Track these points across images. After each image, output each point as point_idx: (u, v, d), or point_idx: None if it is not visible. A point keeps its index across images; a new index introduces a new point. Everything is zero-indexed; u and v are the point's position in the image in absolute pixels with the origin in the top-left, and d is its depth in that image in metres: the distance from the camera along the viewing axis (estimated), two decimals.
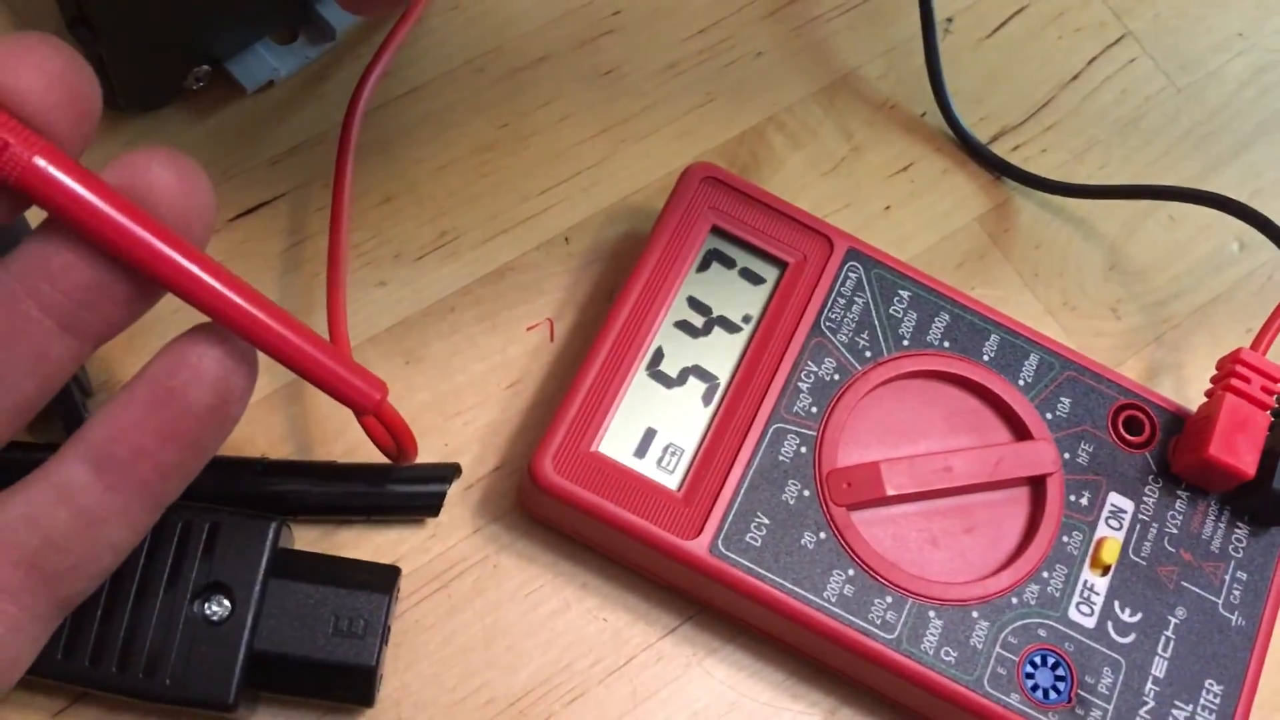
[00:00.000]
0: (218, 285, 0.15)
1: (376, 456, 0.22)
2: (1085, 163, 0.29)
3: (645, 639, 0.23)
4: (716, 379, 0.23)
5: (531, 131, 0.27)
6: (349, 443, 0.23)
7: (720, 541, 0.21)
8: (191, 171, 0.15)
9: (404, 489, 0.22)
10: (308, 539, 0.23)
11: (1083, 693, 0.22)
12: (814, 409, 0.23)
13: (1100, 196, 0.28)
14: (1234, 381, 0.23)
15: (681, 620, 0.23)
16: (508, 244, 0.26)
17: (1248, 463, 0.22)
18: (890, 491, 0.22)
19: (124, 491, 0.16)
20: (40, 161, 0.14)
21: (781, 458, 0.22)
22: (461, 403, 0.24)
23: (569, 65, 0.27)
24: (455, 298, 0.25)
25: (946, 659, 0.21)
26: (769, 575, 0.21)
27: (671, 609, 0.23)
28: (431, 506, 0.22)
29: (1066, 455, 0.23)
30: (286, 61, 0.25)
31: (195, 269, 0.15)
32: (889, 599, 0.22)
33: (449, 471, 0.23)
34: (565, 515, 0.22)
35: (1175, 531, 0.23)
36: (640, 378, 0.23)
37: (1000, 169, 0.28)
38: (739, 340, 0.23)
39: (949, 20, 0.29)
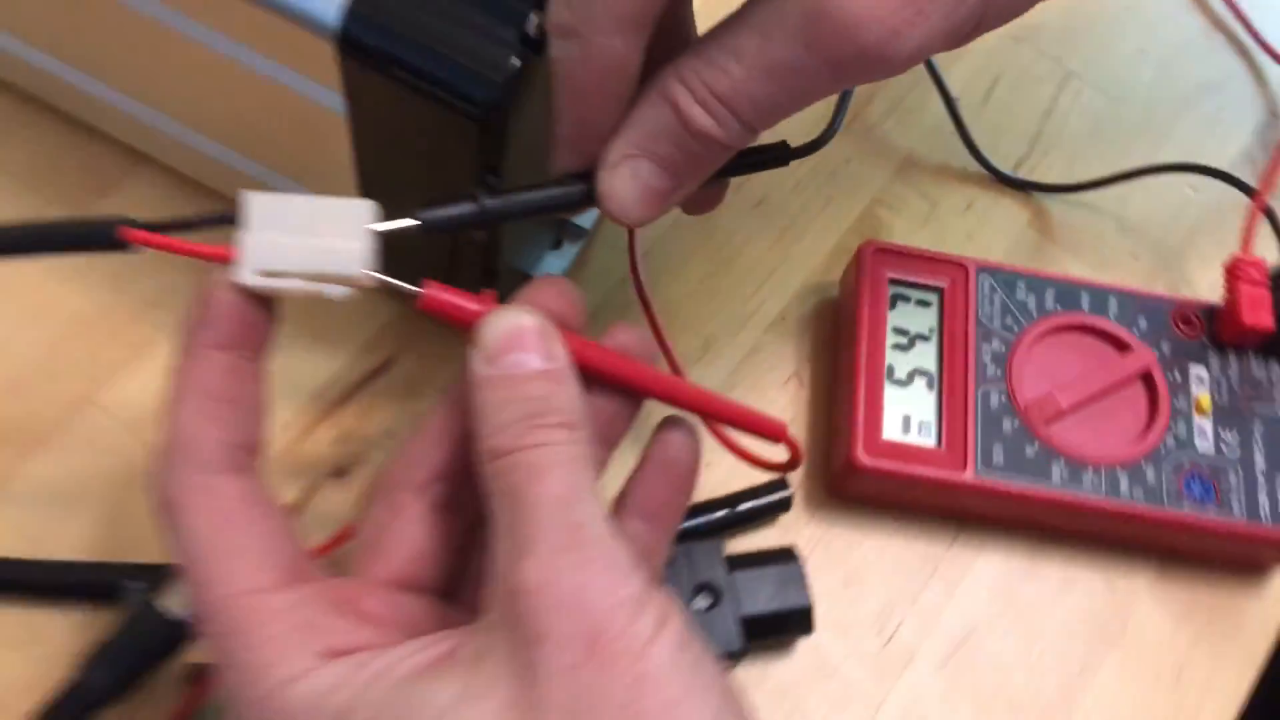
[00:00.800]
0: (674, 389, 0.27)
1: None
2: (1076, 168, 0.42)
3: (939, 549, 0.35)
4: (930, 372, 0.35)
5: (730, 256, 0.39)
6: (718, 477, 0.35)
7: (979, 468, 0.33)
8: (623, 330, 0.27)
9: (767, 499, 0.34)
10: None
11: (1223, 490, 0.34)
12: (998, 371, 0.35)
13: (1096, 187, 0.41)
14: (1240, 274, 0.36)
15: (955, 535, 0.35)
16: (748, 333, 0.37)
17: (1268, 322, 0.35)
18: (1064, 406, 0.34)
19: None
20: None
21: (992, 407, 0.34)
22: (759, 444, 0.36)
23: (735, 206, 0.39)
24: (728, 378, 0.37)
25: (1138, 497, 0.33)
26: (1014, 478, 0.33)
27: (945, 529, 0.35)
28: (786, 504, 0.34)
29: (1156, 353, 0.35)
30: (564, 258, 0.37)
31: (665, 384, 0.26)
32: (1089, 471, 0.33)
33: (785, 483, 0.34)
34: (877, 486, 0.34)
35: (1237, 377, 0.35)
36: (888, 386, 0.34)
37: (1028, 187, 0.41)
38: (933, 345, 0.35)
39: (956, 98, 0.42)
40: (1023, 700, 0.33)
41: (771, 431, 0.28)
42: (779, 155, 0.29)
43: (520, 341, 0.24)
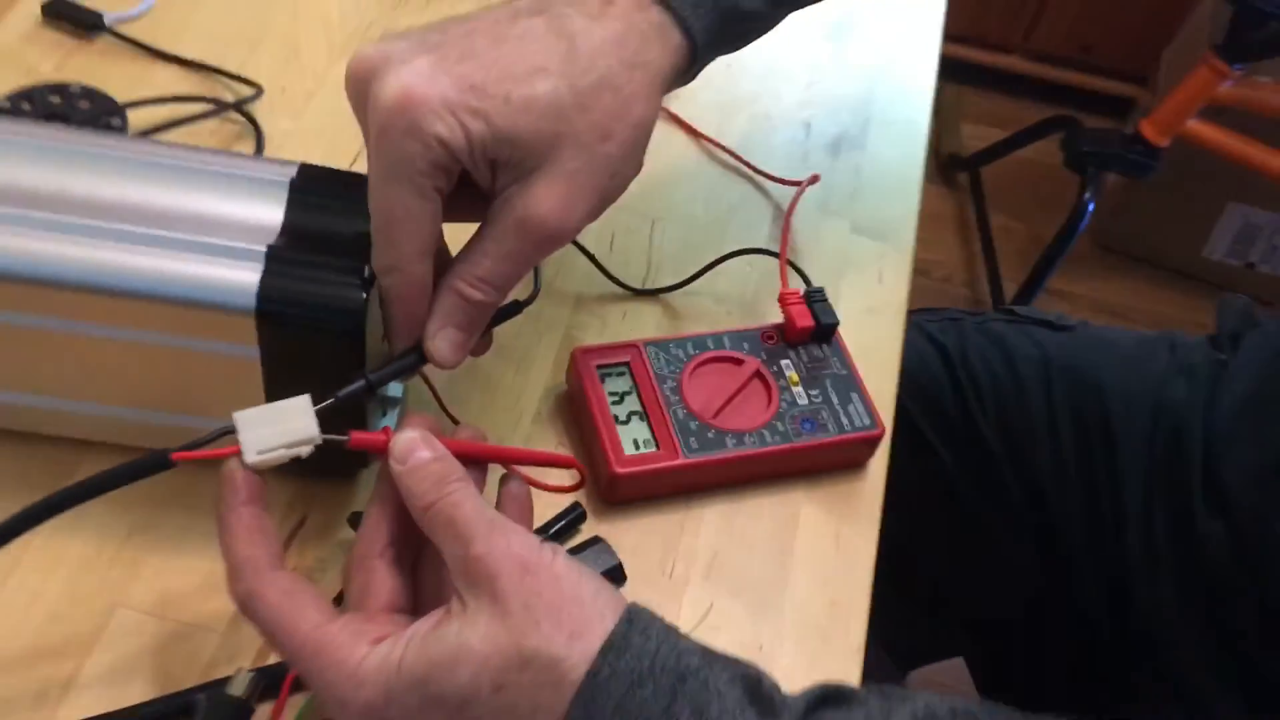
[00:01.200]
0: (502, 454, 0.47)
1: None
2: (677, 273, 0.65)
3: (680, 513, 0.56)
4: (639, 410, 0.56)
5: (494, 387, 0.58)
6: None
7: (684, 453, 0.55)
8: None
9: (570, 517, 0.53)
10: None
11: (821, 423, 0.57)
12: (676, 396, 0.57)
13: (692, 280, 0.64)
14: (786, 300, 0.60)
15: (686, 501, 0.56)
16: (522, 428, 0.57)
17: (810, 322, 0.59)
18: (719, 404, 0.57)
19: None
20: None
21: (680, 417, 0.56)
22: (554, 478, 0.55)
23: (488, 357, 0.60)
24: None
25: (779, 441, 0.56)
26: (705, 453, 0.55)
27: (679, 500, 0.56)
28: (582, 517, 0.54)
29: (759, 359, 0.59)
30: (397, 409, 0.55)
31: (496, 452, 0.46)
32: (747, 435, 0.56)
33: (578, 504, 0.54)
34: (630, 485, 0.54)
35: (807, 359, 0.59)
36: (618, 426, 0.55)
37: (655, 292, 0.64)
38: (635, 395, 0.57)
39: (592, 253, 0.65)
40: (754, 583, 0.54)
41: (565, 462, 0.49)
42: (514, 308, 0.50)
43: (414, 446, 0.43)
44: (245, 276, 0.45)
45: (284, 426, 0.43)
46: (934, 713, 0.41)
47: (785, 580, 0.55)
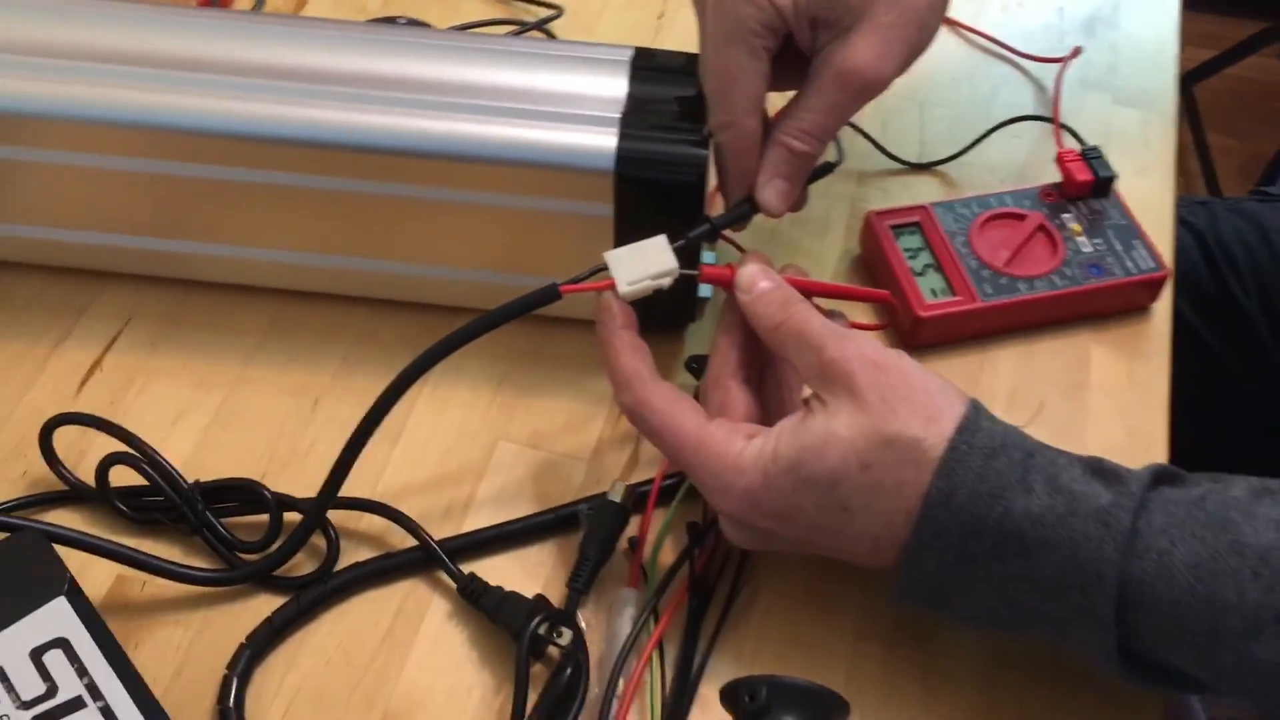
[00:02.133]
0: (826, 287, 0.52)
1: None
2: (951, 148, 0.69)
3: (975, 359, 0.60)
4: (932, 263, 0.61)
5: (793, 246, 0.64)
6: None
7: (981, 297, 0.59)
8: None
9: None
10: None
11: (1107, 267, 0.60)
12: (966, 249, 0.61)
13: (965, 152, 0.68)
14: (1065, 158, 0.63)
15: (969, 346, 0.60)
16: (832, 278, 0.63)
17: (1089, 177, 0.62)
18: (1009, 254, 0.61)
19: None
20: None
21: (972, 267, 0.60)
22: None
23: (791, 220, 0.65)
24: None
25: (1069, 284, 0.60)
26: (1000, 296, 0.59)
27: (971, 346, 0.60)
28: None
29: (1042, 213, 0.62)
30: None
31: (821, 285, 0.52)
32: (1038, 279, 0.59)
33: None
34: (933, 328, 0.59)
35: (1087, 211, 0.63)
36: (916, 277, 0.60)
37: (931, 165, 0.68)
38: (927, 250, 0.61)
39: (867, 132, 0.70)
40: (1052, 415, 0.58)
41: (879, 296, 0.54)
42: (827, 168, 0.56)
43: (758, 276, 0.49)
44: (604, 141, 0.52)
45: (647, 262, 0.49)
46: (1267, 486, 0.44)
47: (1083, 412, 0.59)
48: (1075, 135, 0.67)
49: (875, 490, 0.45)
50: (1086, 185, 0.63)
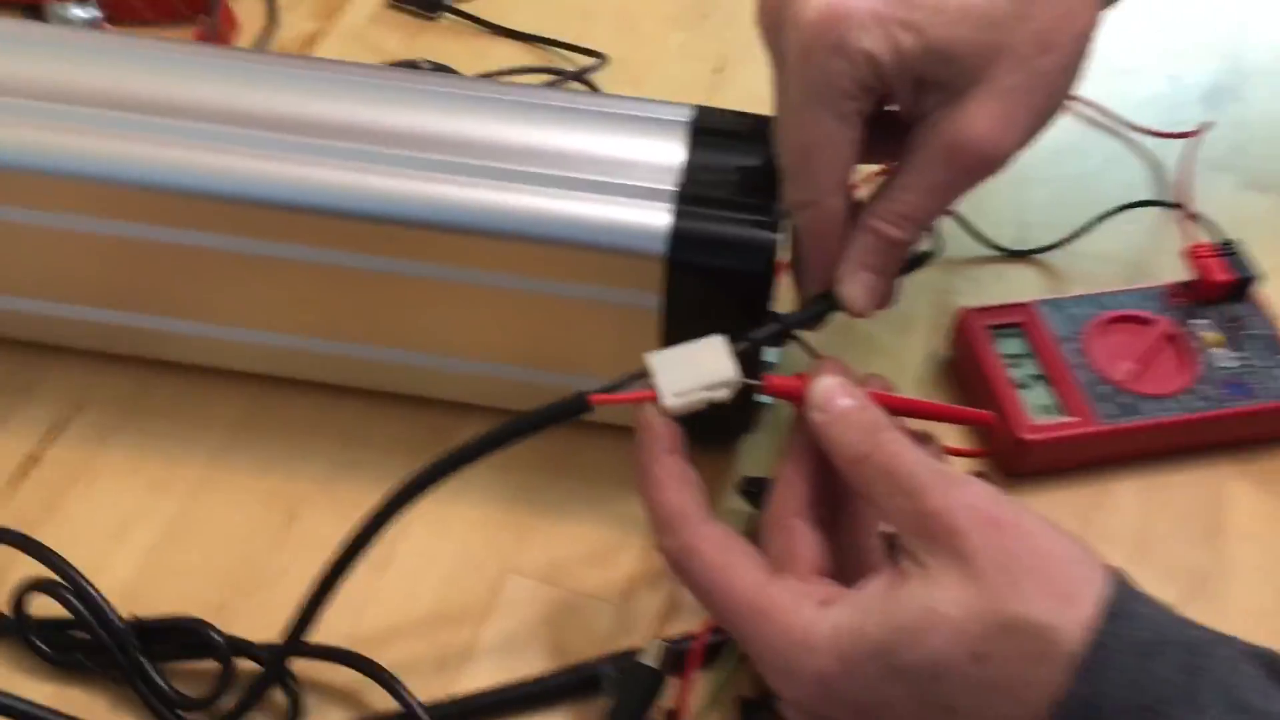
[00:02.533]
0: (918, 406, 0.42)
1: None
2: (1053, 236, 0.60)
3: (1085, 490, 0.49)
4: (1040, 374, 0.51)
5: (868, 348, 0.54)
6: None
7: (1098, 419, 0.49)
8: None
9: None
10: None
11: (1253, 386, 0.50)
12: (1080, 359, 0.51)
13: (1072, 240, 0.58)
14: (1198, 253, 0.53)
15: (1087, 474, 0.50)
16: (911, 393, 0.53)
17: (1230, 277, 0.52)
18: (1130, 366, 0.50)
19: None
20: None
21: (1086, 381, 0.50)
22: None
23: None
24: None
25: (1204, 407, 0.49)
26: (1119, 420, 0.49)
27: (1082, 474, 0.50)
28: None
29: (1169, 319, 0.52)
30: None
31: (912, 404, 0.41)
32: (1167, 401, 0.49)
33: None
34: (1040, 454, 0.49)
35: (1223, 317, 0.52)
36: (1018, 390, 0.50)
37: (1030, 254, 0.58)
38: (1032, 357, 0.51)
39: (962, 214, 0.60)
40: (1186, 569, 0.48)
41: (982, 419, 0.44)
42: (921, 259, 0.46)
43: (836, 393, 0.39)
44: (654, 218, 0.42)
45: (699, 369, 0.39)
46: None
47: (1222, 565, 0.48)
48: (1207, 225, 0.57)
49: (990, 689, 0.34)
50: (1225, 286, 0.53)
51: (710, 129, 0.45)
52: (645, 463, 0.39)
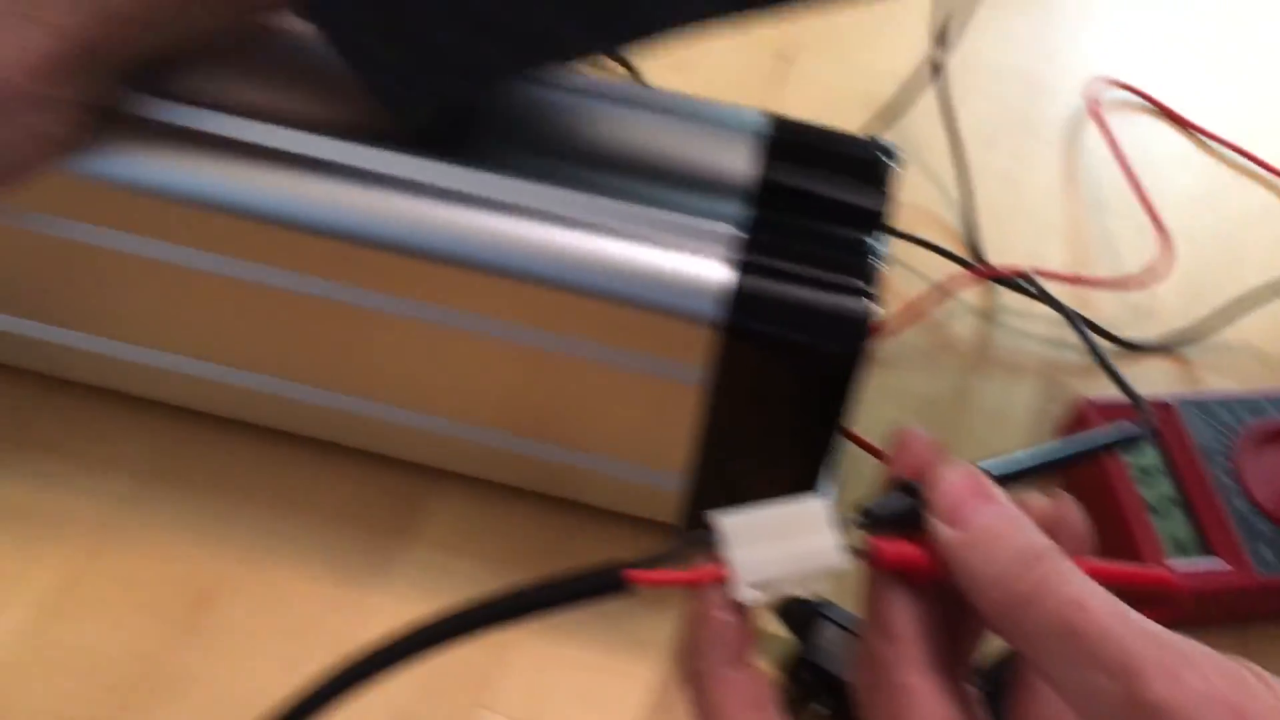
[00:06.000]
0: None
1: None
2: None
3: None
4: (1175, 497, 0.39)
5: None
6: None
7: (1257, 569, 0.38)
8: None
9: None
10: None
11: None
12: (1231, 481, 0.39)
13: (1216, 330, 0.47)
14: None
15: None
16: None
17: None
18: None
19: None
20: None
21: (1241, 510, 0.39)
22: None
23: None
24: None
25: None
26: None
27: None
28: None
29: None
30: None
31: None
32: None
33: None
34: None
35: None
36: (1151, 517, 0.39)
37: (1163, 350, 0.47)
38: (1167, 474, 0.40)
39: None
40: None
41: (1163, 582, 0.31)
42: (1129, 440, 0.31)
43: (967, 496, 0.26)
44: (706, 269, 0.31)
45: (789, 545, 0.26)
46: None
47: None
48: None
49: None
50: None
51: (790, 146, 0.34)
52: (700, 672, 0.27)
